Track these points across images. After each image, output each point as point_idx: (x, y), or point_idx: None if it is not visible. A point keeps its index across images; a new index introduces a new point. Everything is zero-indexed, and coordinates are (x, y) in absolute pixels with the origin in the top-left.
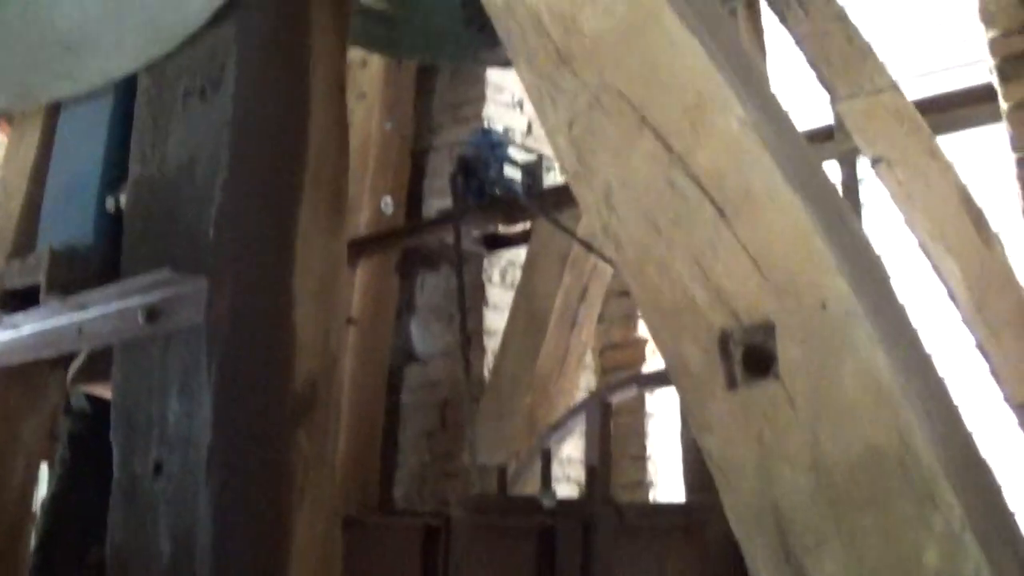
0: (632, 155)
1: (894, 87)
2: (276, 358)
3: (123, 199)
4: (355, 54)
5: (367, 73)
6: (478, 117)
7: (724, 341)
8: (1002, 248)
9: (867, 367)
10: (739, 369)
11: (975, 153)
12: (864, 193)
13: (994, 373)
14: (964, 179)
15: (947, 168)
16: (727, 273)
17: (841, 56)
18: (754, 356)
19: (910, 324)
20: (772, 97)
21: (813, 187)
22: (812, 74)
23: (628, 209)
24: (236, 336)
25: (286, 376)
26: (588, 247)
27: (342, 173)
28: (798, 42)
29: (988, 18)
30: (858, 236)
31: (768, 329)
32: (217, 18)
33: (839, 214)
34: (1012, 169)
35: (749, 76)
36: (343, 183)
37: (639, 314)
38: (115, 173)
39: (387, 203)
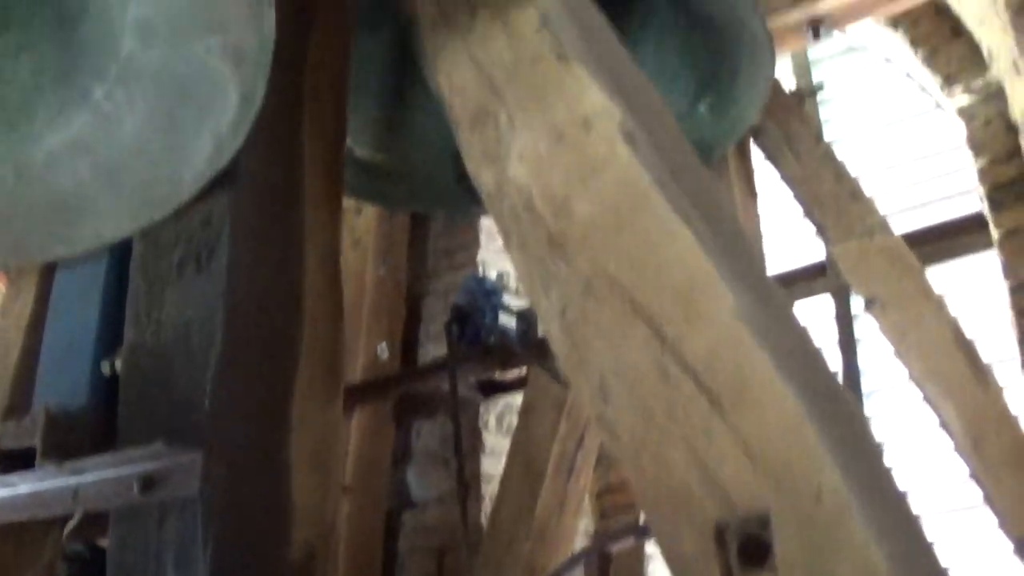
0: (625, 343)
1: (885, 227)
2: (273, 528)
3: (118, 363)
4: (349, 202)
5: (361, 220)
6: (472, 262)
7: (720, 532)
8: (997, 386)
9: (862, 560)
10: (735, 561)
11: (966, 279)
12: (859, 328)
13: (990, 503)
14: (957, 316)
15: (940, 307)
16: (722, 463)
17: (832, 198)
18: (750, 546)
19: (906, 509)
20: (765, 278)
21: (807, 374)
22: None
23: (622, 398)
24: (232, 508)
25: (283, 546)
26: None
27: (337, 340)
28: (789, 184)
29: (977, 146)
30: (853, 420)
31: (763, 520)
32: (211, 187)
33: (834, 399)
34: (1005, 296)
35: (741, 258)
36: (339, 349)
37: None
38: (110, 336)
39: (383, 349)
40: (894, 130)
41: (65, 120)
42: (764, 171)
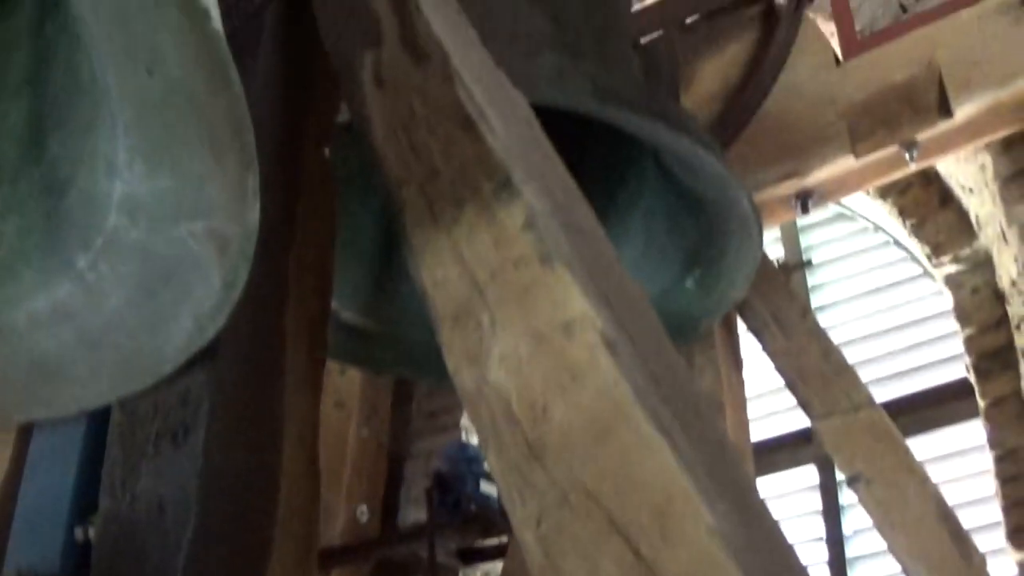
0: (600, 559)
1: (870, 403)
2: None
3: (92, 530)
4: (333, 362)
5: (345, 380)
6: (456, 425)
7: None
8: (981, 559)
9: None
10: None
11: (950, 447)
12: (843, 496)
13: None
14: (941, 484)
15: (924, 482)
16: None
17: (817, 373)
18: None
19: None
20: (747, 492)
21: None
22: None
23: None
24: None
25: None
26: None
27: (314, 521)
28: (774, 359)
29: (964, 316)
30: None
31: None
32: (191, 363)
33: None
34: (990, 466)
35: (723, 471)
36: (314, 533)
37: None
38: (86, 500)
39: (363, 512)
40: (881, 296)
41: (49, 285)
42: (751, 338)
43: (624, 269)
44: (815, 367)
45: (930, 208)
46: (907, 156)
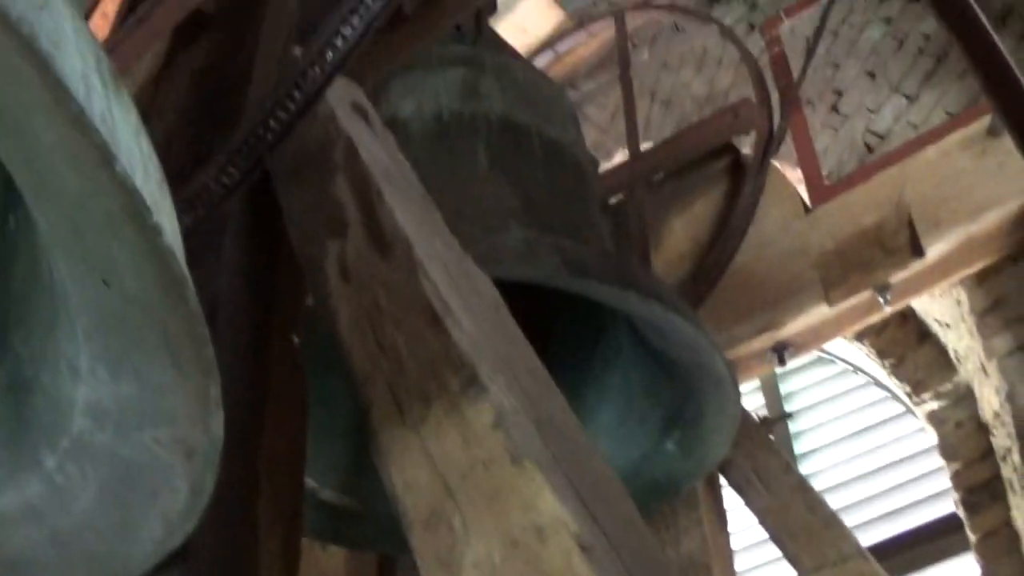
0: None
1: (859, 553)
2: None
3: None
4: None
5: (327, 556)
6: None
7: None
8: None
9: None
10: None
11: None
12: None
13: None
14: None
15: None
16: None
17: (803, 528)
18: None
19: None
20: None
21: None
22: None
23: None
24: None
25: None
26: None
27: None
28: (758, 516)
29: (949, 452)
30: None
31: None
32: (164, 565)
33: None
34: None
35: None
36: None
37: None
38: None
39: None
40: (864, 438)
41: (18, 485)
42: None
43: (598, 458)
44: (801, 521)
45: (908, 346)
46: (881, 300)
